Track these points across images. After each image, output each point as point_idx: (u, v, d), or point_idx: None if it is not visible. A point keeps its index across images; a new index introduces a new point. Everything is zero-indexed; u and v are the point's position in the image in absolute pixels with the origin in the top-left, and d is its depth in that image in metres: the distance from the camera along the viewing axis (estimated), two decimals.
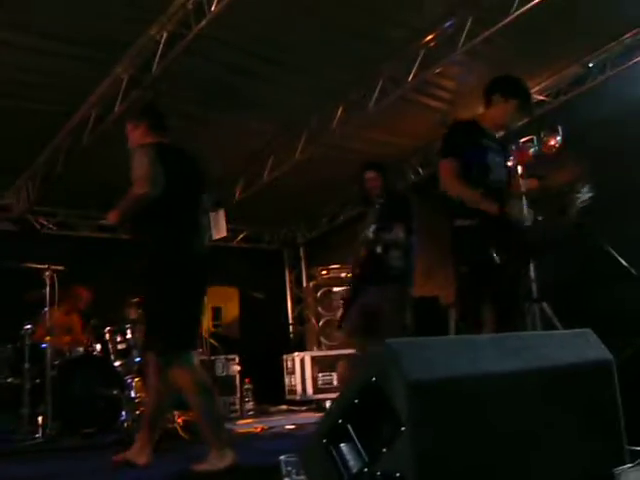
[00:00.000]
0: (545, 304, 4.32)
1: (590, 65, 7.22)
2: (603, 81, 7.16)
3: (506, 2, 5.86)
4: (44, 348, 6.06)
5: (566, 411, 2.30)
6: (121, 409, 6.11)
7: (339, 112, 7.50)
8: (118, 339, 6.61)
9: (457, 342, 2.13)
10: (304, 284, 11.45)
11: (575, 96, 7.50)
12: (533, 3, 5.72)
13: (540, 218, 3.90)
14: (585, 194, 3.98)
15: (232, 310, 10.20)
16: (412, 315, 5.37)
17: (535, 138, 5.75)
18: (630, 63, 6.88)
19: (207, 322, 8.56)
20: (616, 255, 4.73)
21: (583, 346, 2.48)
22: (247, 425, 6.55)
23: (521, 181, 4.17)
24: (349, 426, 1.97)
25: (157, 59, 5.93)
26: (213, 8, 5.33)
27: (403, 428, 1.79)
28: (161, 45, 5.82)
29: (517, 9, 5.81)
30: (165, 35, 5.75)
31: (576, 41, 6.83)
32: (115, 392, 6.18)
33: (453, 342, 2.13)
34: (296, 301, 11.73)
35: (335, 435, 2.00)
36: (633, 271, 4.69)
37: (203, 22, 5.47)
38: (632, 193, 6.48)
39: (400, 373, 1.83)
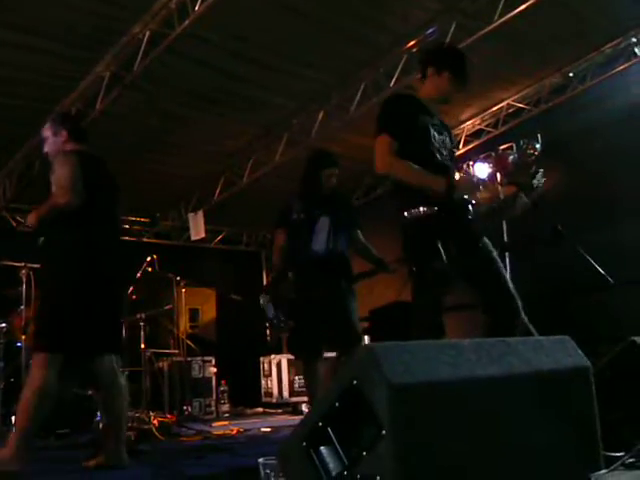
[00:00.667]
0: None
1: (571, 74, 7.29)
2: (584, 90, 7.23)
3: (489, 10, 5.92)
4: (19, 347, 5.99)
5: (544, 417, 2.31)
6: (96, 409, 6.04)
7: (320, 115, 7.50)
8: None
9: (439, 346, 2.13)
10: None
11: (556, 104, 7.57)
12: (515, 12, 5.78)
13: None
14: (540, 179, 3.76)
15: (209, 311, 10.16)
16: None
17: (515, 145, 5.78)
18: (610, 73, 6.96)
19: (184, 323, 8.53)
20: (593, 262, 4.77)
21: (561, 352, 2.49)
22: (223, 427, 6.50)
23: (500, 188, 4.06)
24: (329, 429, 1.96)
25: (139, 58, 5.90)
26: (197, 8, 5.33)
27: (384, 432, 1.78)
28: (143, 44, 5.79)
29: (500, 17, 5.87)
30: (148, 34, 5.72)
31: (557, 50, 6.91)
32: (90, 392, 6.10)
33: (435, 346, 2.12)
34: None
35: (315, 438, 1.99)
36: (610, 279, 4.73)
37: (186, 22, 5.46)
38: (612, 200, 6.56)
39: (382, 376, 1.82)
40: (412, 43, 6.43)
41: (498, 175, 4.80)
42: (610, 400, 2.75)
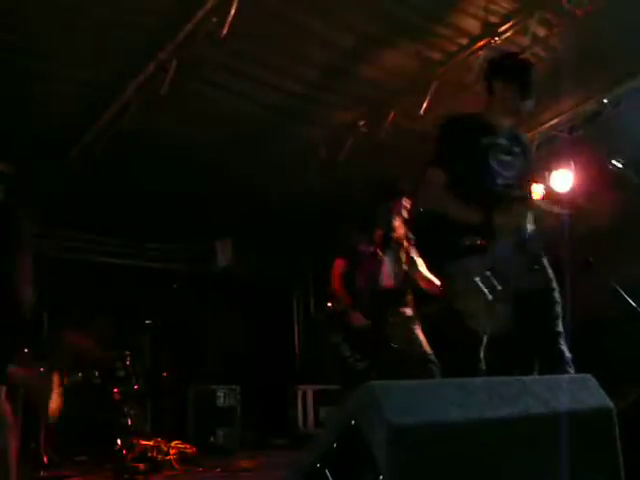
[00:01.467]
0: None
1: (605, 101, 7.13)
2: (618, 116, 7.07)
3: (520, 35, 5.83)
4: None
5: (562, 461, 2.18)
6: (117, 438, 5.98)
7: (349, 143, 7.42)
8: (118, 366, 6.51)
9: (446, 386, 2.02)
10: (311, 314, 11.30)
11: (590, 131, 7.40)
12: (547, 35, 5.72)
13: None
14: None
15: None
16: None
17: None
18: None
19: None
20: (625, 295, 4.59)
21: (582, 392, 2.36)
22: (243, 457, 6.39)
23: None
24: (327, 471, 1.86)
25: (166, 85, 5.90)
26: (223, 35, 5.30)
27: (381, 477, 1.67)
28: (170, 71, 5.79)
29: (530, 45, 5.79)
30: (175, 62, 5.72)
31: (591, 77, 6.76)
32: (112, 420, 6.06)
33: (441, 385, 2.02)
34: (303, 332, 11.56)
35: None
36: None
37: (213, 50, 5.48)
38: None
39: (381, 417, 1.72)
40: (442, 69, 6.33)
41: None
42: (635, 443, 2.60)
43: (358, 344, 4.72)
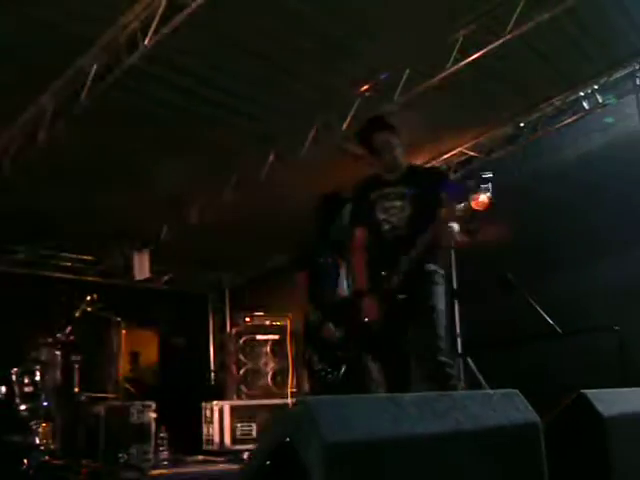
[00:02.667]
0: (469, 359, 4.27)
1: (522, 125, 7.34)
2: (534, 140, 7.29)
3: (441, 58, 5.94)
4: None
5: (491, 476, 2.19)
6: (24, 457, 5.70)
7: (270, 157, 7.39)
8: (25, 381, 6.22)
9: (379, 401, 1.99)
10: (227, 330, 11.17)
11: (507, 153, 7.61)
12: (466, 62, 5.83)
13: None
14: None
15: (150, 355, 9.81)
16: None
17: None
18: (560, 125, 7.04)
19: (123, 366, 8.22)
20: (542, 312, 4.71)
21: (509, 407, 2.38)
22: (159, 477, 6.21)
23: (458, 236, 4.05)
24: None
25: (85, 91, 5.73)
26: (147, 42, 5.19)
27: None
28: (90, 77, 5.62)
29: (452, 66, 5.90)
30: (95, 67, 5.56)
31: (509, 100, 6.95)
32: (18, 438, 5.78)
33: (375, 401, 1.99)
34: (219, 347, 11.41)
35: None
36: (558, 329, 4.67)
37: (135, 55, 5.34)
38: (558, 250, 6.54)
39: (317, 434, 1.67)
40: (366, 87, 6.38)
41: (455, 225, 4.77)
42: (558, 457, 2.64)
43: (328, 357, 4.72)
